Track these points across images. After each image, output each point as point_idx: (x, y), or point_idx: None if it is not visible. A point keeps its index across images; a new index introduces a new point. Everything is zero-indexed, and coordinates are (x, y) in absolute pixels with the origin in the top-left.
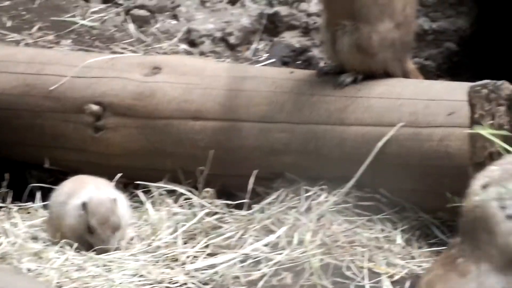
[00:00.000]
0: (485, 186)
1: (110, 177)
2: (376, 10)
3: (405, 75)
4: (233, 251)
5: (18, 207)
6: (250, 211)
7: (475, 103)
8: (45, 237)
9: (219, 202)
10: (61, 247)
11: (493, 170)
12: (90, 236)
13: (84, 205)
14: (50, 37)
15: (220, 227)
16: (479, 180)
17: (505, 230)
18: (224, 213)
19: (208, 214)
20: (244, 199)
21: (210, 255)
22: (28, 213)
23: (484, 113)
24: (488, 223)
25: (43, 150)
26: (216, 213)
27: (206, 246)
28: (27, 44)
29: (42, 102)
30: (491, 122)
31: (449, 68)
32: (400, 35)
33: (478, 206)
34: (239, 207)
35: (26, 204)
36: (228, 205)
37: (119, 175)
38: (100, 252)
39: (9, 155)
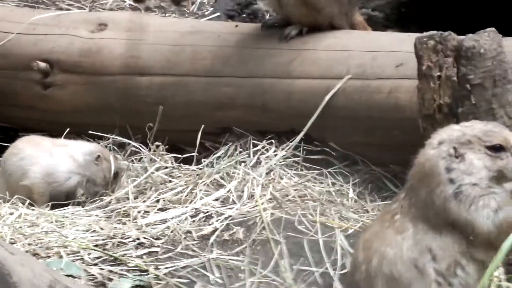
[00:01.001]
0: (440, 143)
1: (59, 134)
2: None
3: (353, 27)
4: (184, 206)
5: None
6: (199, 166)
7: (423, 55)
8: None
9: (169, 156)
10: (13, 203)
11: (453, 129)
12: (110, 183)
13: (99, 157)
14: None
15: (170, 181)
16: (438, 135)
17: (444, 194)
18: (174, 167)
19: (157, 169)
20: (192, 153)
21: (161, 210)
22: None
23: (432, 64)
24: (432, 180)
25: None
26: (165, 167)
27: (157, 201)
28: None
29: None
30: (439, 74)
31: (397, 19)
32: None
33: (428, 159)
34: (188, 161)
35: None
36: (176, 160)
37: (67, 130)
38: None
39: None
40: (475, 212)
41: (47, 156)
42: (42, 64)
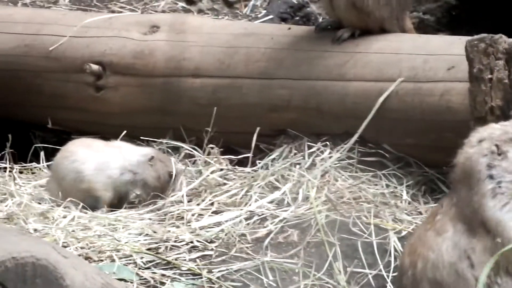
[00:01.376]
0: (480, 141)
1: (112, 136)
2: None
3: (403, 32)
4: (238, 208)
5: (23, 168)
6: (254, 168)
7: (473, 58)
8: (50, 198)
9: (223, 157)
10: (66, 207)
11: (494, 128)
12: (167, 184)
13: (152, 158)
14: None
15: (224, 184)
16: (477, 133)
17: (482, 190)
18: (228, 170)
19: (212, 172)
20: (247, 155)
21: (215, 212)
22: (33, 173)
23: (483, 67)
24: (472, 178)
25: (44, 110)
26: (220, 170)
27: (211, 204)
28: (24, 4)
29: (41, 62)
30: (490, 76)
31: (448, 22)
32: None
33: (469, 158)
34: (242, 164)
35: (30, 164)
36: (231, 162)
37: (123, 133)
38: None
39: (11, 116)
40: (508, 212)
41: (98, 155)
42: (95, 67)
